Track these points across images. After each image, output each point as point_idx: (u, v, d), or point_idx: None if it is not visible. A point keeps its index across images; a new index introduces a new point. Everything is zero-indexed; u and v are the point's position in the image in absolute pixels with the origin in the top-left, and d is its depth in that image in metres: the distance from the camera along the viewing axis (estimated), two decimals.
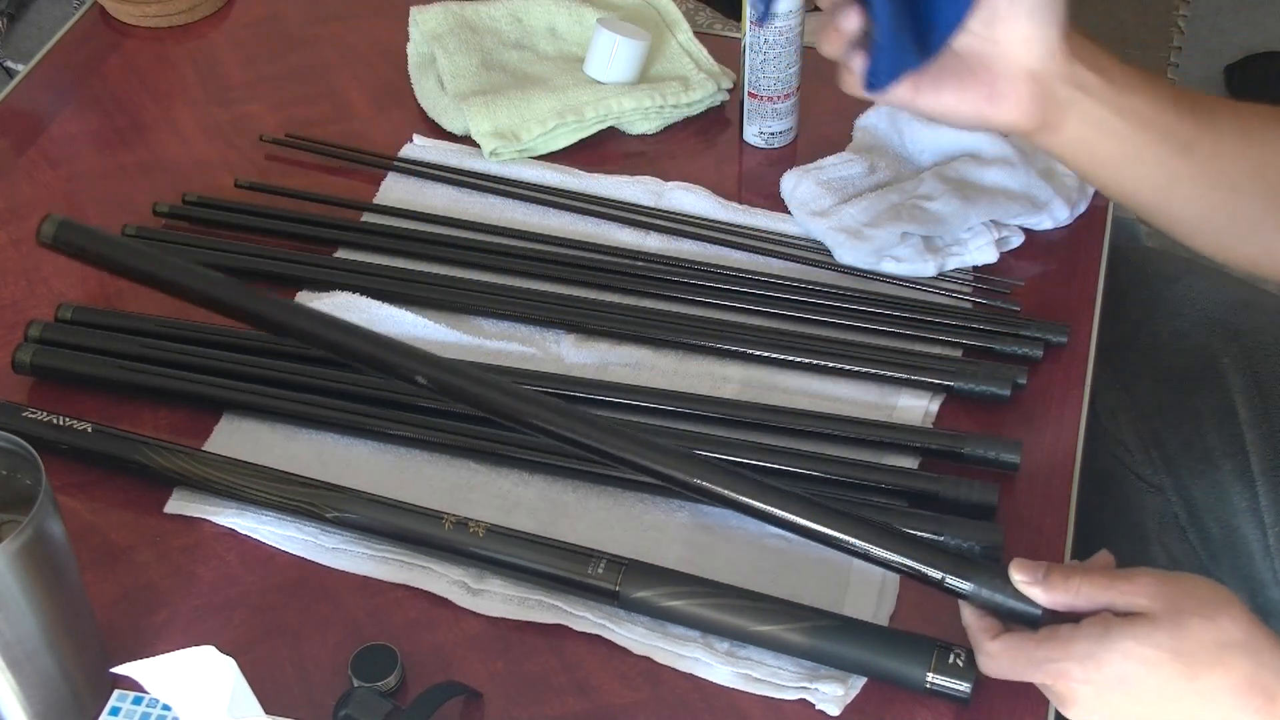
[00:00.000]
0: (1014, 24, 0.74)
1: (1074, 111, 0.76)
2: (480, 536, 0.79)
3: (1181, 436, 1.00)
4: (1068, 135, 0.77)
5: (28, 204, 1.06)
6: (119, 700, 0.74)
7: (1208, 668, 0.66)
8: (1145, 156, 0.77)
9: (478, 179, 1.04)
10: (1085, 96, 0.76)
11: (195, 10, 1.21)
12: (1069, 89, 0.76)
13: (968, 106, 0.77)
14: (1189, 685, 0.66)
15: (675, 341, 0.92)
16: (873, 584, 0.78)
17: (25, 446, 0.68)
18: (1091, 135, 0.77)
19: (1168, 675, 0.66)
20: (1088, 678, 0.67)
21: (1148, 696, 0.67)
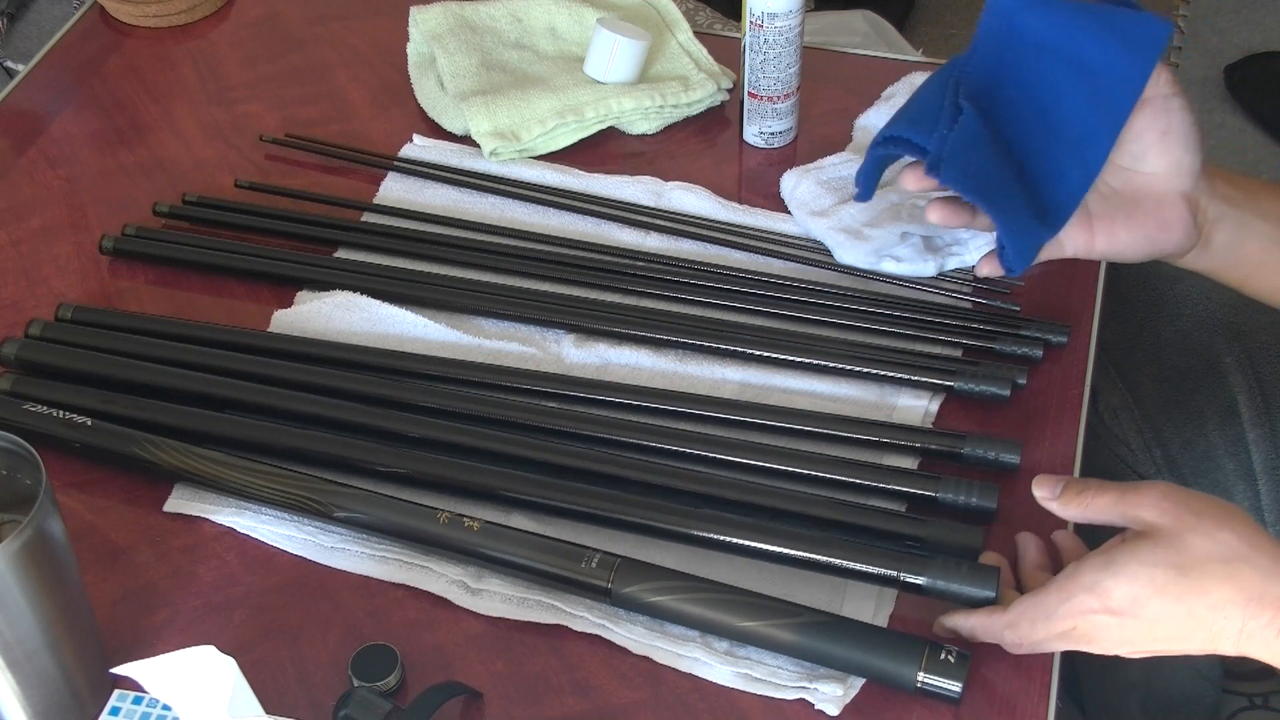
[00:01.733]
0: (1167, 154, 0.81)
1: (1222, 223, 0.82)
2: (475, 531, 0.79)
3: (1183, 436, 1.00)
4: (1216, 246, 0.83)
5: (28, 204, 1.06)
6: (119, 700, 0.74)
7: (1217, 582, 0.66)
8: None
9: (478, 179, 1.04)
10: (1230, 208, 0.82)
11: (195, 10, 1.21)
12: (1217, 204, 0.82)
13: (1141, 239, 0.83)
14: (1201, 600, 0.66)
15: (675, 341, 0.92)
16: (870, 590, 0.78)
17: (25, 446, 0.68)
18: (1238, 241, 0.83)
19: (1177, 592, 0.66)
20: (1101, 605, 0.67)
21: (1162, 615, 0.66)
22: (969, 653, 0.73)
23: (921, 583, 0.75)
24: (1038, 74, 0.82)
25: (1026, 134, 0.83)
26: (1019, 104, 0.83)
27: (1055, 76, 0.82)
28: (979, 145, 0.82)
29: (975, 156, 0.82)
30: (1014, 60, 0.83)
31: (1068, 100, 0.82)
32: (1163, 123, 0.81)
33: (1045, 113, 0.83)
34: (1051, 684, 0.74)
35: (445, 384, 0.89)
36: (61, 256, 1.01)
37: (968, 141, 0.81)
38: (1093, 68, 0.81)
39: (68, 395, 0.88)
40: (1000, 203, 0.82)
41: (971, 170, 0.81)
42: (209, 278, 0.99)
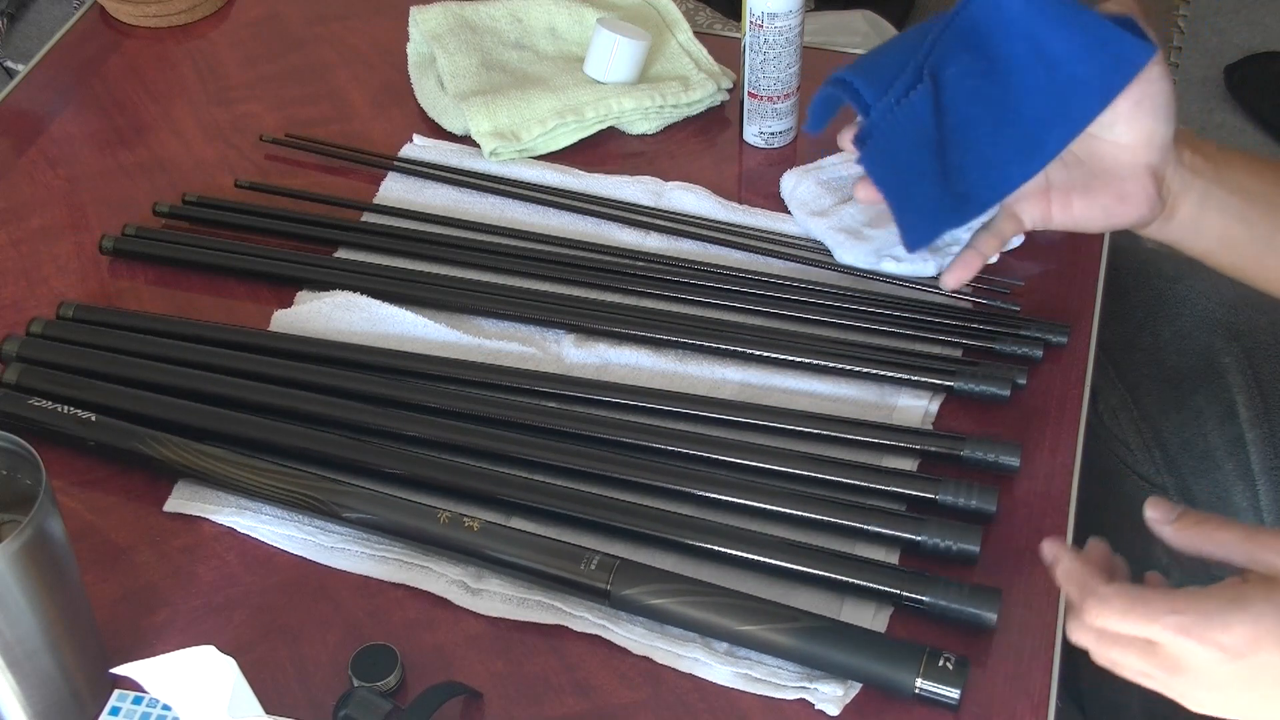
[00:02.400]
0: (1137, 124, 0.78)
1: (1187, 195, 0.80)
2: (475, 531, 0.79)
3: (1183, 436, 1.00)
4: (1180, 219, 0.81)
5: (28, 204, 1.06)
6: (119, 700, 0.74)
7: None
8: (1250, 221, 0.80)
9: (478, 179, 1.04)
10: (1196, 179, 0.80)
11: (195, 10, 1.21)
12: (1182, 174, 0.80)
13: (1098, 211, 0.82)
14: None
15: (675, 341, 0.92)
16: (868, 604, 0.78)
17: (25, 446, 0.68)
18: (1200, 214, 0.81)
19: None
20: (1213, 639, 0.61)
21: (1270, 668, 0.60)
22: (968, 659, 0.73)
23: (923, 603, 0.75)
24: (1011, 62, 0.82)
25: (979, 119, 0.83)
26: (982, 86, 0.83)
27: (1027, 71, 0.81)
28: (910, 131, 0.83)
29: (901, 144, 0.83)
30: (993, 41, 0.82)
31: (1031, 99, 0.81)
32: (1136, 91, 0.78)
33: (1005, 104, 0.82)
34: (1051, 684, 0.74)
35: (445, 384, 0.89)
36: (61, 256, 1.01)
37: (902, 126, 0.82)
38: (1065, 73, 0.80)
39: (73, 390, 0.88)
40: (902, 191, 0.84)
41: (889, 159, 0.83)
42: (209, 278, 0.99)
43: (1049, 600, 0.78)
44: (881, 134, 0.84)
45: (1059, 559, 0.68)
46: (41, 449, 0.69)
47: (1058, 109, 0.80)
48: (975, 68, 0.83)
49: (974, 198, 0.85)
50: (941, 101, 0.83)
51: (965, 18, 0.83)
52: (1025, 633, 0.76)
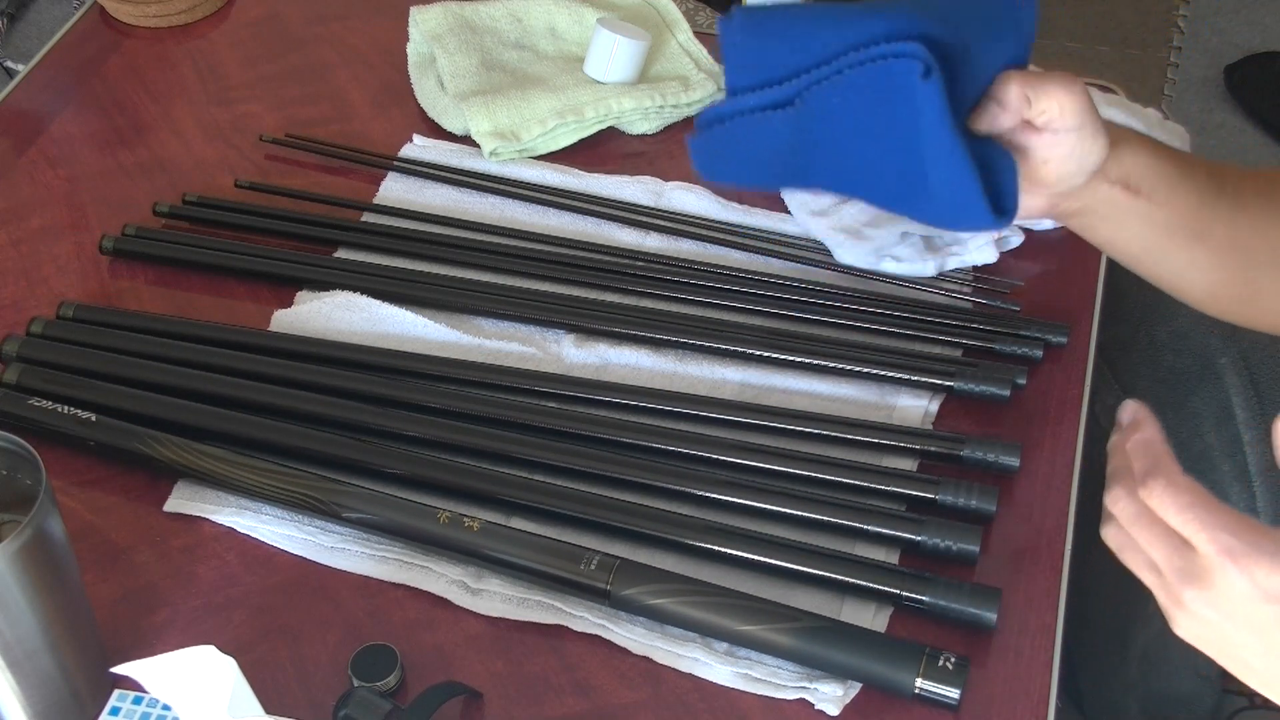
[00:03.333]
0: (1041, 182, 0.76)
1: (1098, 213, 0.79)
2: (475, 531, 0.79)
3: (1180, 437, 1.00)
4: (1084, 220, 0.80)
5: (28, 204, 1.06)
6: (119, 700, 0.74)
7: None
8: (1164, 248, 0.79)
9: (478, 179, 1.04)
10: (1104, 205, 0.78)
11: (195, 10, 1.21)
12: (1108, 186, 0.77)
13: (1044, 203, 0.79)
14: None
15: (675, 341, 0.92)
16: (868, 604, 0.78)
17: (25, 446, 0.68)
18: (1110, 232, 0.80)
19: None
20: (1253, 572, 0.58)
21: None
22: (968, 659, 0.73)
23: (923, 603, 0.75)
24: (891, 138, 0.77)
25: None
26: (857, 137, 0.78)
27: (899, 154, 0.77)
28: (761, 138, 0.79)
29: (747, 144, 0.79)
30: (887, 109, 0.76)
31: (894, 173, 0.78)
32: (1043, 154, 0.75)
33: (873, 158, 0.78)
34: (1051, 684, 0.74)
35: (445, 384, 0.90)
36: (61, 256, 1.01)
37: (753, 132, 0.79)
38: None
39: (73, 390, 0.88)
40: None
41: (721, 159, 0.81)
42: (209, 278, 0.99)
43: (1049, 600, 0.78)
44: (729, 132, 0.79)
45: (1141, 425, 0.64)
46: (41, 449, 0.69)
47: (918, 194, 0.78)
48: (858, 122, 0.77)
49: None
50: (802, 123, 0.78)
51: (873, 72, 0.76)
52: (1025, 633, 0.76)
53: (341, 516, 0.81)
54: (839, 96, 0.76)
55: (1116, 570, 1.11)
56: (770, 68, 0.78)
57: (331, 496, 0.81)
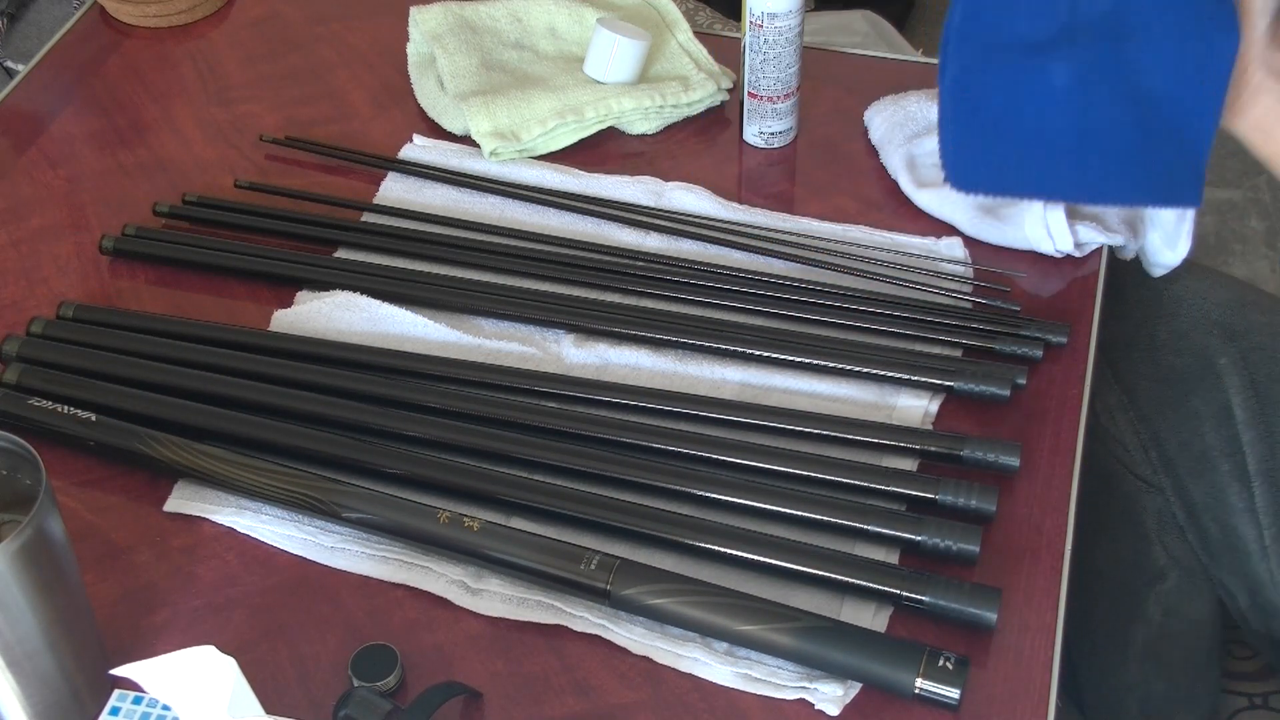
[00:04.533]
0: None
1: (1264, 96, 0.77)
2: (475, 531, 0.79)
3: (1180, 437, 1.00)
4: (1254, 118, 0.78)
5: (28, 204, 1.06)
6: (119, 700, 0.74)
7: None
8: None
9: (478, 179, 1.04)
10: (1277, 83, 0.76)
11: (195, 10, 1.21)
12: (1264, 74, 0.76)
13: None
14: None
15: (675, 341, 0.92)
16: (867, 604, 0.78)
17: (25, 446, 0.68)
18: (1276, 121, 0.77)
19: None
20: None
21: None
22: (968, 659, 0.73)
23: (922, 603, 0.75)
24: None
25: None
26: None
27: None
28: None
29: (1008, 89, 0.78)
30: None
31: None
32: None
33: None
34: (1051, 685, 0.74)
35: (445, 384, 0.90)
36: (61, 256, 1.01)
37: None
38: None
39: (73, 389, 0.88)
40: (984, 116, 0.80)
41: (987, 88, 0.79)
42: (209, 278, 0.99)
43: (1049, 600, 0.78)
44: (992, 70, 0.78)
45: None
46: (41, 449, 0.69)
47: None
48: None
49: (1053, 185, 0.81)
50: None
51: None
52: (1025, 633, 0.76)
53: (341, 516, 0.81)
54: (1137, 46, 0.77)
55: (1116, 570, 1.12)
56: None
57: (331, 496, 0.81)
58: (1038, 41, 0.77)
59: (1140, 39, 0.77)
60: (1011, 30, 0.78)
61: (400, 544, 0.81)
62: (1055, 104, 0.78)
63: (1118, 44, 0.77)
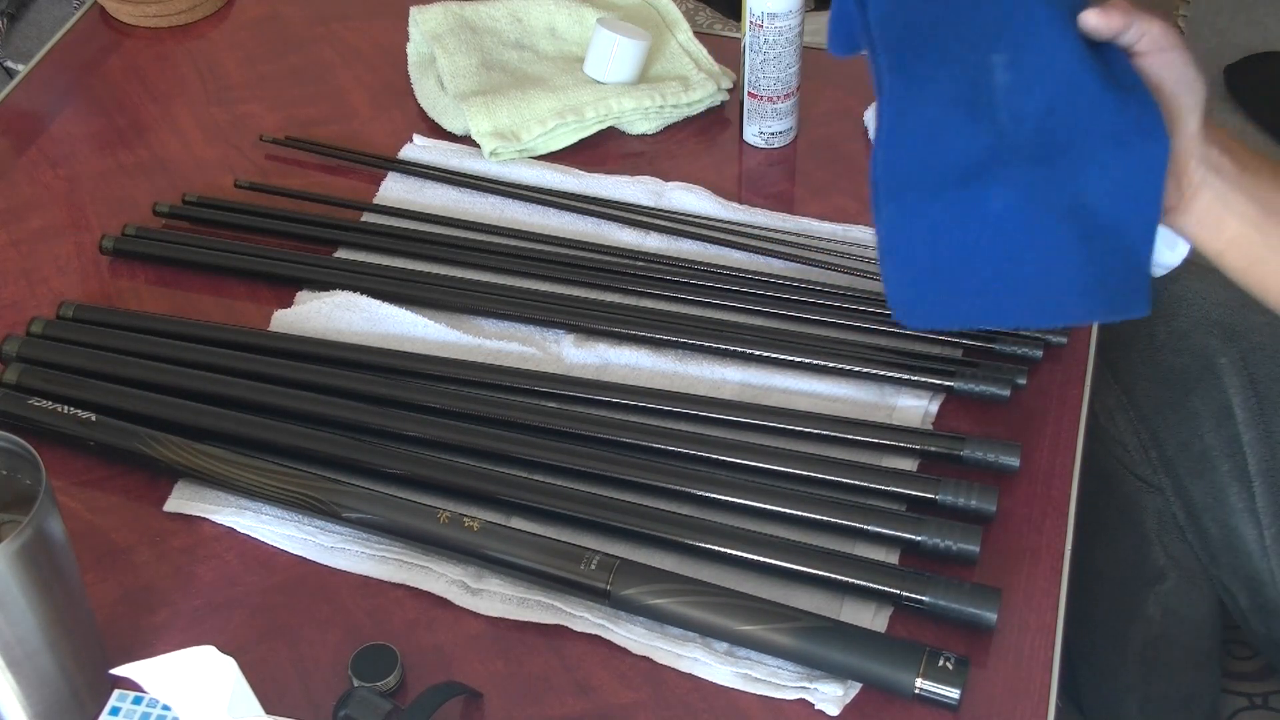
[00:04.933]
0: (1174, 86, 0.77)
1: (1205, 191, 0.79)
2: (475, 531, 0.79)
3: (1180, 437, 1.00)
4: (1196, 214, 0.79)
5: (28, 204, 1.06)
6: (119, 700, 0.74)
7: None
8: (1269, 235, 0.79)
9: (478, 179, 1.04)
10: (1216, 177, 0.78)
11: (195, 10, 1.21)
12: (1204, 170, 0.78)
13: None
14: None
15: (675, 341, 0.92)
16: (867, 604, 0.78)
17: (25, 446, 0.68)
18: (1220, 214, 0.79)
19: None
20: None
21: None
22: (968, 659, 0.73)
23: (922, 603, 0.76)
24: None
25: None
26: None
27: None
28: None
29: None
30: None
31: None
32: (1154, 78, 0.77)
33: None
34: (1051, 685, 0.74)
35: (445, 384, 0.90)
36: (61, 256, 1.01)
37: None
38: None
39: (73, 389, 0.88)
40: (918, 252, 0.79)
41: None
42: (209, 278, 0.99)
43: (1049, 600, 0.78)
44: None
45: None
46: (41, 449, 0.69)
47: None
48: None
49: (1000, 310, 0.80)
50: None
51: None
52: (1025, 633, 0.76)
53: (341, 516, 0.81)
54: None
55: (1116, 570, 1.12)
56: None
57: (331, 496, 0.81)
58: (967, 168, 0.77)
59: (1071, 154, 0.77)
60: (940, 162, 0.77)
61: (400, 544, 0.81)
62: (995, 229, 0.78)
63: (1049, 161, 0.77)
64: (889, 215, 0.77)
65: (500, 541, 0.79)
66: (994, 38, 0.78)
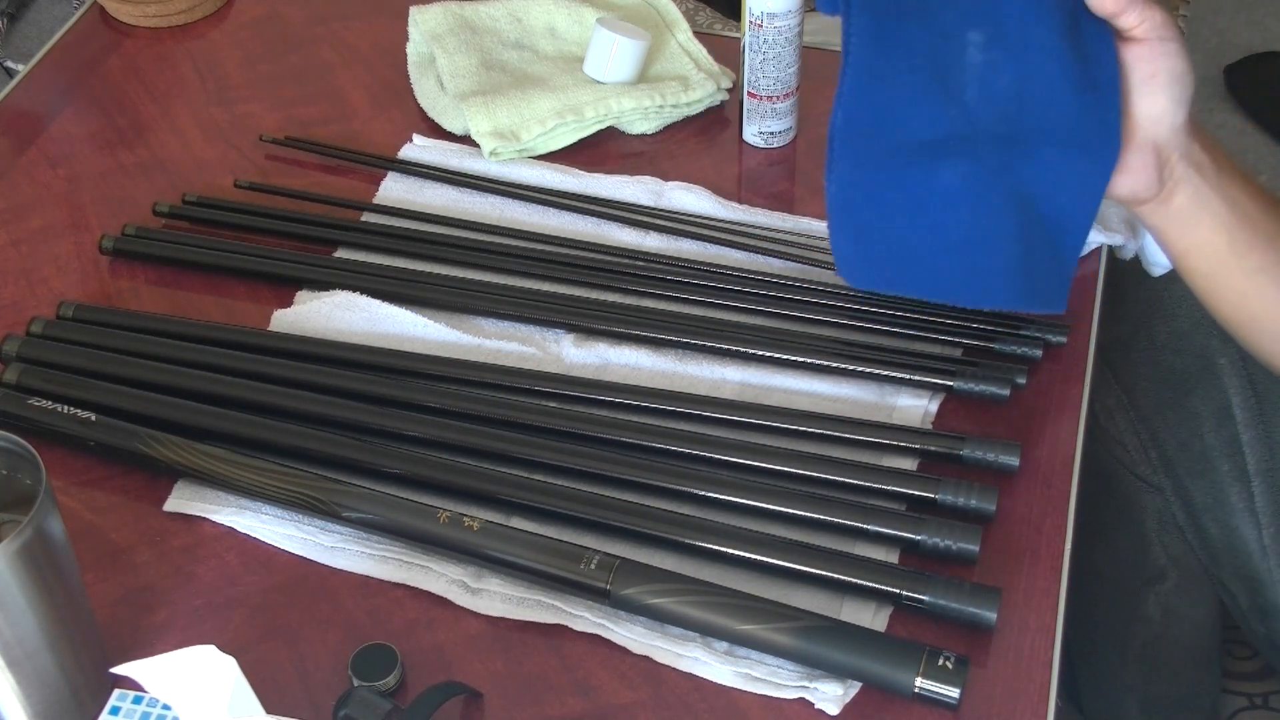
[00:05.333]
0: (1149, 97, 0.78)
1: (1184, 187, 0.80)
2: (475, 531, 0.79)
3: (1180, 437, 1.01)
4: (1172, 210, 0.80)
5: (28, 204, 1.06)
6: (119, 700, 0.74)
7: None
8: (1235, 241, 0.80)
9: (477, 179, 1.04)
10: (1196, 174, 0.79)
11: (195, 10, 1.21)
12: (1185, 165, 0.79)
13: None
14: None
15: (675, 341, 0.92)
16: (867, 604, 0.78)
17: (25, 446, 0.68)
18: (1194, 213, 0.80)
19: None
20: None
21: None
22: (968, 658, 0.73)
23: (922, 603, 0.75)
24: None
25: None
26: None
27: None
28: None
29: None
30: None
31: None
32: (1151, 66, 0.78)
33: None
34: (1051, 684, 0.74)
35: (445, 384, 0.90)
36: (61, 256, 1.01)
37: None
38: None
39: (73, 389, 0.88)
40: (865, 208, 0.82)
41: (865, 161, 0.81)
42: (209, 278, 0.99)
43: (1049, 600, 0.78)
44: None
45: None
46: (41, 449, 0.69)
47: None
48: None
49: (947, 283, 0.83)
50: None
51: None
52: (1025, 633, 0.77)
53: (341, 516, 0.81)
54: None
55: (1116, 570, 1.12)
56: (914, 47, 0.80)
57: (331, 496, 0.81)
58: (926, 139, 0.79)
59: (1027, 143, 0.79)
60: (900, 128, 0.79)
61: (400, 544, 0.81)
62: (942, 203, 0.80)
63: (1006, 145, 0.79)
64: (841, 173, 0.80)
65: (500, 541, 0.79)
66: (975, 15, 0.79)
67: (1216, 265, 0.81)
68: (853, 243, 0.82)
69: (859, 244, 0.82)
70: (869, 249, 0.82)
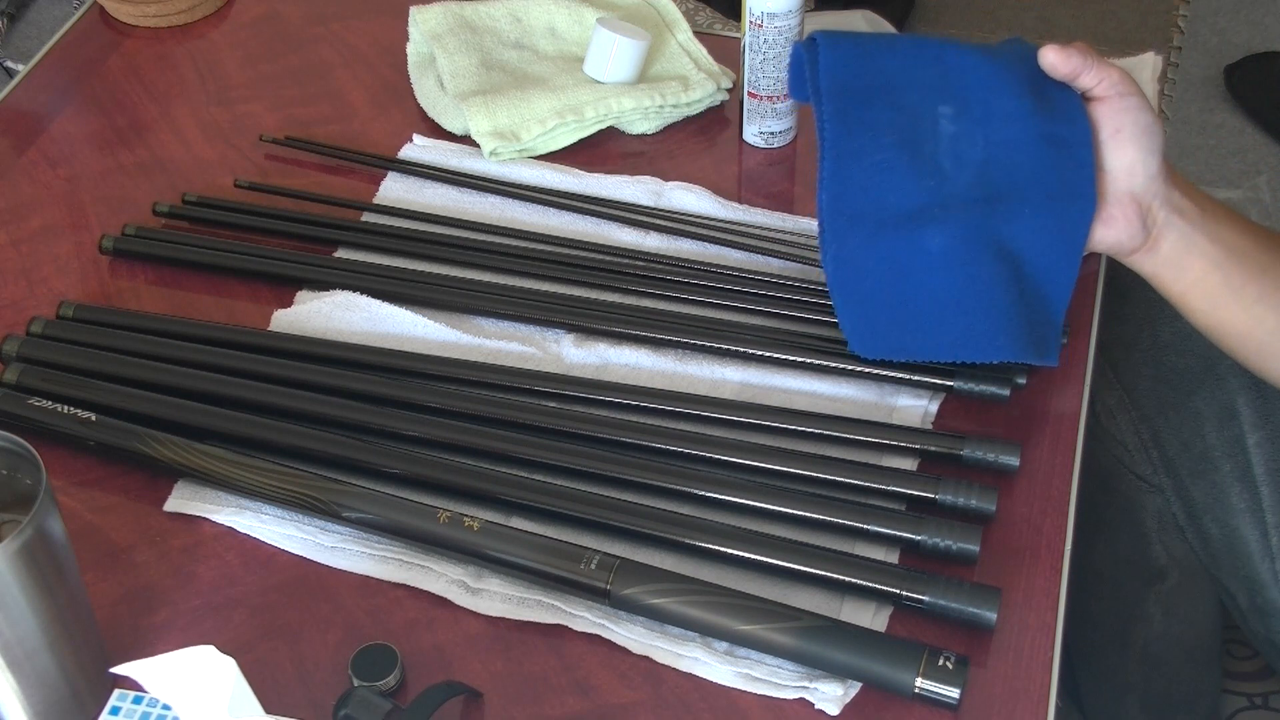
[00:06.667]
0: (1120, 152, 0.81)
1: (1169, 232, 0.82)
2: (475, 531, 0.79)
3: (1181, 437, 1.00)
4: (1161, 255, 0.83)
5: (28, 204, 1.06)
6: (119, 700, 0.74)
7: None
8: (1227, 272, 0.82)
9: (478, 179, 1.04)
10: (1180, 219, 0.82)
11: (195, 10, 1.21)
12: (1166, 211, 0.82)
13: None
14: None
15: (675, 341, 0.92)
16: (867, 604, 0.78)
17: (25, 446, 0.68)
18: (1183, 255, 0.83)
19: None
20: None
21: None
22: (968, 658, 0.73)
23: (922, 603, 0.75)
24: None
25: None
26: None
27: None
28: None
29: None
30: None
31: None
32: (1115, 121, 0.81)
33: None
34: (1051, 684, 0.74)
35: (445, 384, 0.90)
36: (61, 256, 1.01)
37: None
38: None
39: (72, 389, 0.88)
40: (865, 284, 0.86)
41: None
42: (209, 277, 0.99)
43: (1049, 600, 0.78)
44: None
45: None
46: (41, 449, 0.69)
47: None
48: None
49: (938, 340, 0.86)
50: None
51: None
52: (1025, 633, 0.76)
53: (341, 516, 0.81)
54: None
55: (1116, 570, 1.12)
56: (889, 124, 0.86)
57: (331, 496, 0.81)
58: (908, 210, 0.84)
59: (1006, 203, 0.83)
60: (881, 203, 0.84)
61: (400, 544, 0.81)
62: (933, 268, 0.84)
63: (986, 207, 0.83)
64: (834, 254, 0.85)
65: (500, 541, 0.79)
66: (940, 92, 0.84)
67: (1216, 302, 0.83)
68: (857, 316, 0.85)
69: (863, 317, 0.85)
70: (873, 321, 0.85)
